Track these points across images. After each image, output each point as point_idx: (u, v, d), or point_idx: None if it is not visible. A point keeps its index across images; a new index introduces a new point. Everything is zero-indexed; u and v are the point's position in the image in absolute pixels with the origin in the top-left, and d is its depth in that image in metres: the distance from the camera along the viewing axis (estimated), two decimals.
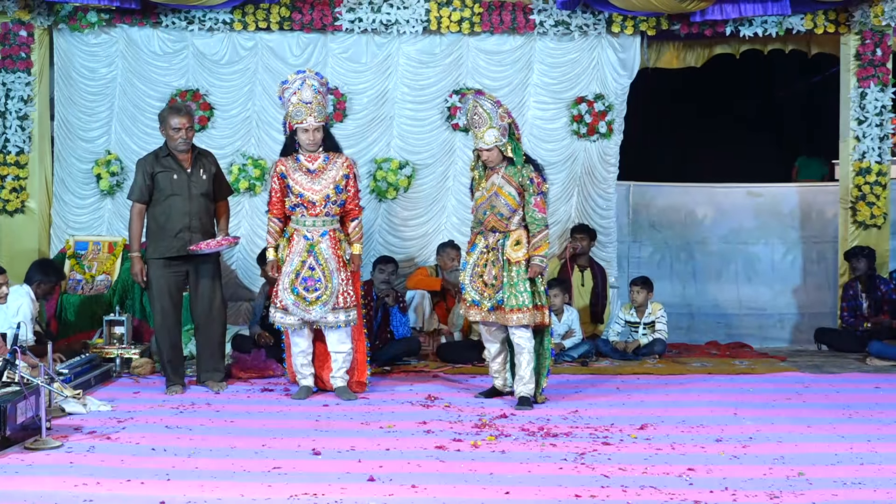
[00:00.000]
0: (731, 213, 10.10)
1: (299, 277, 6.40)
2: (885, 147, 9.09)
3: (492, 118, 6.15)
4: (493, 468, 4.75)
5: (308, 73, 6.41)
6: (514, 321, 6.14)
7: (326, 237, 6.44)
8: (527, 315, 6.13)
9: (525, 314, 6.13)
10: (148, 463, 4.81)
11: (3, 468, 4.71)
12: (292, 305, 6.41)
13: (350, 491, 4.36)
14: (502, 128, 6.18)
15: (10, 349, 5.34)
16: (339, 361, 6.54)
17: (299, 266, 6.40)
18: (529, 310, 6.14)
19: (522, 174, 6.22)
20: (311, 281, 6.38)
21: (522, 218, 6.24)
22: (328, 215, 6.45)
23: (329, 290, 6.38)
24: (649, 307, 8.45)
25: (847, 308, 8.87)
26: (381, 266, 8.03)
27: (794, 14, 8.85)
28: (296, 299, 6.40)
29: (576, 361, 8.00)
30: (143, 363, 7.31)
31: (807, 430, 5.58)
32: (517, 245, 6.18)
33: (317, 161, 6.44)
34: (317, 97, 6.33)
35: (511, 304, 6.14)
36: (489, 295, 6.24)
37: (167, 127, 6.58)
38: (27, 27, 8.66)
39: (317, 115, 6.34)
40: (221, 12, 8.68)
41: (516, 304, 6.13)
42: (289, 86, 6.37)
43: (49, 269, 7.74)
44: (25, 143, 8.76)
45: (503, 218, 6.21)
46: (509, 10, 8.87)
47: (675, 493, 4.36)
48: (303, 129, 6.36)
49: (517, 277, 6.14)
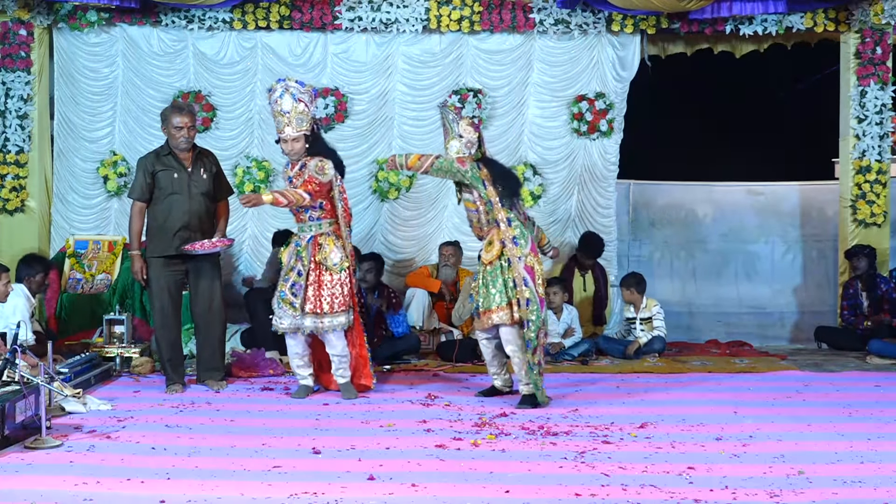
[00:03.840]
0: (732, 211, 10.10)
1: (289, 283, 6.41)
2: (885, 145, 9.09)
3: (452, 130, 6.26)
4: (492, 467, 4.75)
5: (288, 80, 6.35)
6: (493, 321, 6.13)
7: (311, 242, 6.43)
8: (504, 313, 6.10)
9: (502, 312, 6.10)
10: (148, 462, 4.81)
11: (4, 467, 4.71)
12: (279, 310, 6.44)
13: (350, 490, 4.37)
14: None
15: (10, 348, 5.34)
16: (336, 363, 6.54)
17: (289, 271, 6.42)
18: (503, 307, 6.10)
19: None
20: (298, 287, 6.37)
21: (489, 216, 6.21)
22: (311, 220, 6.43)
23: (312, 296, 6.37)
24: (644, 302, 8.44)
25: (847, 307, 8.87)
26: (360, 264, 8.00)
27: (793, 12, 8.86)
28: (284, 304, 6.41)
29: (576, 360, 8.00)
30: (143, 362, 7.31)
31: (807, 429, 5.58)
32: (489, 245, 6.18)
33: (295, 168, 6.42)
34: (297, 106, 6.26)
35: (486, 305, 6.16)
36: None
37: (169, 125, 6.57)
38: (27, 26, 8.66)
39: (295, 126, 6.28)
40: (221, 11, 8.67)
41: (495, 304, 6.13)
42: (271, 94, 6.37)
43: (32, 261, 7.76)
44: (25, 143, 8.76)
45: (476, 223, 6.30)
46: (509, 9, 8.87)
47: (675, 491, 4.36)
48: (282, 139, 6.36)
49: (489, 278, 6.16)
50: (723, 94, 11.16)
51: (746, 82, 11.15)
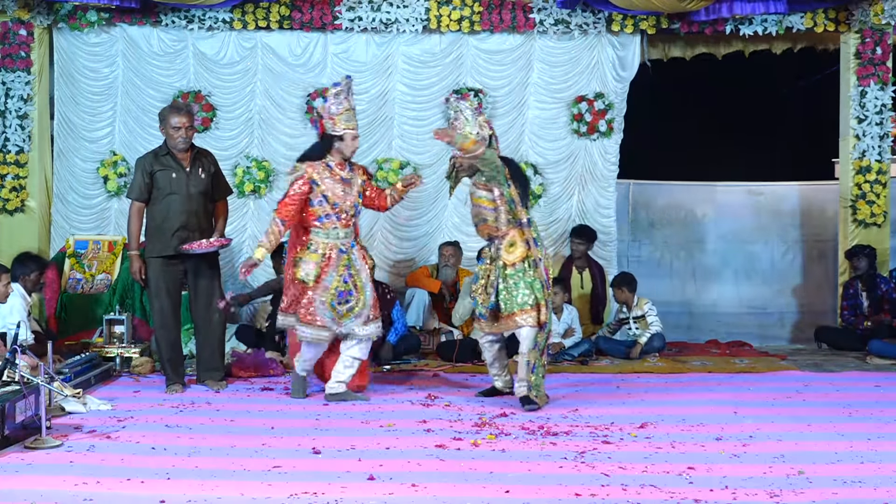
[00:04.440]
0: (732, 211, 10.10)
1: (336, 292, 6.26)
2: (885, 145, 9.09)
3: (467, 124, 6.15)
4: (492, 467, 4.75)
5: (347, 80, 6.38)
6: (518, 323, 6.04)
7: (355, 248, 6.39)
8: (531, 315, 6.01)
9: (528, 315, 6.01)
10: (148, 462, 4.81)
11: (4, 467, 4.71)
12: (330, 322, 6.28)
13: (350, 490, 4.36)
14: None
15: (10, 348, 5.34)
16: (352, 368, 6.40)
17: (339, 282, 6.27)
18: (531, 309, 6.02)
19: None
20: (345, 294, 6.28)
21: (511, 216, 6.10)
22: (354, 225, 6.43)
23: (362, 303, 6.31)
24: (636, 301, 8.40)
25: (847, 307, 8.87)
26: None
27: (793, 13, 8.86)
28: (333, 314, 6.27)
29: (576, 360, 8.00)
30: (143, 362, 7.31)
31: (807, 429, 5.58)
32: (511, 247, 6.08)
33: (345, 169, 6.37)
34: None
35: (510, 308, 6.05)
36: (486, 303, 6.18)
37: (167, 125, 6.57)
38: (27, 26, 8.66)
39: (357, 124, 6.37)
40: (221, 11, 8.67)
41: (518, 306, 6.03)
42: (341, 89, 6.29)
43: (27, 259, 7.76)
44: (25, 143, 8.76)
45: (492, 222, 6.16)
46: (509, 9, 8.87)
47: (675, 491, 4.36)
48: (353, 135, 6.29)
49: (512, 280, 6.05)
50: (723, 94, 11.15)
51: (747, 83, 11.14)
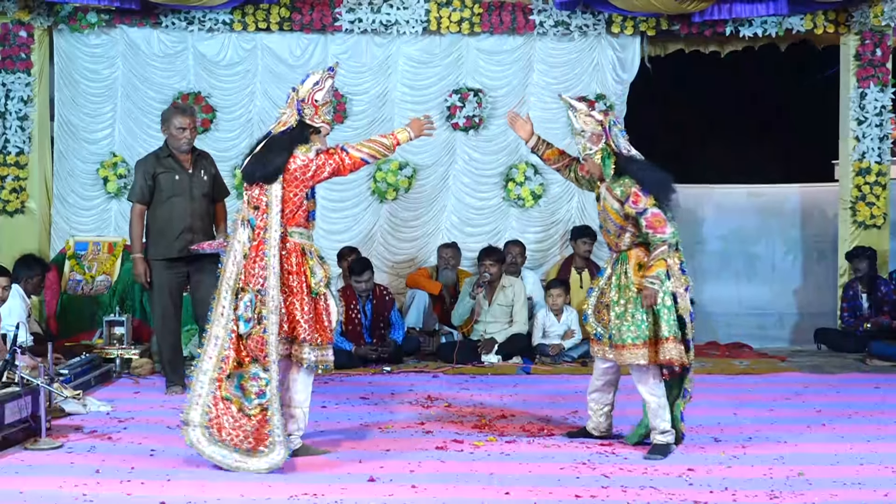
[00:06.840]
0: (732, 212, 10.10)
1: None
2: (884, 147, 9.09)
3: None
4: (493, 468, 4.75)
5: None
6: (625, 359, 5.08)
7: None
8: (641, 351, 5.02)
9: (639, 350, 5.03)
10: (148, 463, 4.81)
11: (3, 468, 4.71)
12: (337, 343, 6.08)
13: (350, 491, 4.36)
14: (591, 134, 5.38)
15: (10, 350, 5.34)
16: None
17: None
18: (643, 345, 5.02)
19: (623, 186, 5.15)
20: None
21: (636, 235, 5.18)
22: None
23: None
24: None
25: (847, 308, 8.87)
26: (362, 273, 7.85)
27: (793, 14, 8.86)
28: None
29: (576, 361, 7.99)
30: (143, 363, 7.31)
31: (806, 431, 5.58)
32: (640, 269, 5.13)
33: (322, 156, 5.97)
34: None
35: (622, 339, 5.07)
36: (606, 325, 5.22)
37: (170, 126, 6.53)
38: (27, 28, 8.67)
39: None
40: (221, 13, 8.68)
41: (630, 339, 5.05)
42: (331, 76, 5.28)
43: (31, 262, 7.72)
44: (25, 144, 8.76)
45: (612, 234, 5.25)
46: (509, 11, 8.87)
47: (675, 493, 4.36)
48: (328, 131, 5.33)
49: (632, 306, 5.07)
50: (723, 95, 11.16)
51: (747, 84, 11.15)
